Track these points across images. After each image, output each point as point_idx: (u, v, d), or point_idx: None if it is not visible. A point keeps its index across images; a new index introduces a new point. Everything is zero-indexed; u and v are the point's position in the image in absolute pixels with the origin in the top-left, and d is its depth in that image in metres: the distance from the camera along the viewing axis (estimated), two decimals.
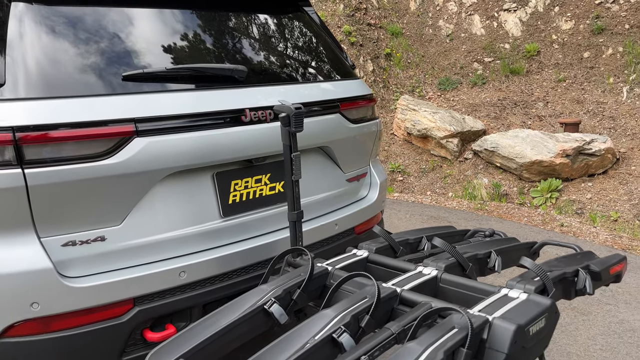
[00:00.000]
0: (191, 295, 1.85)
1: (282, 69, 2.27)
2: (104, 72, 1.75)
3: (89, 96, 1.69)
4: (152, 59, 1.88)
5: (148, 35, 1.92)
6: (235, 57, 2.11)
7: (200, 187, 1.92)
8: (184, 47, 1.99)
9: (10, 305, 1.60)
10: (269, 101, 2.02)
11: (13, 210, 1.58)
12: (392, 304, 1.43)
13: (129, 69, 1.79)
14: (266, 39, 2.28)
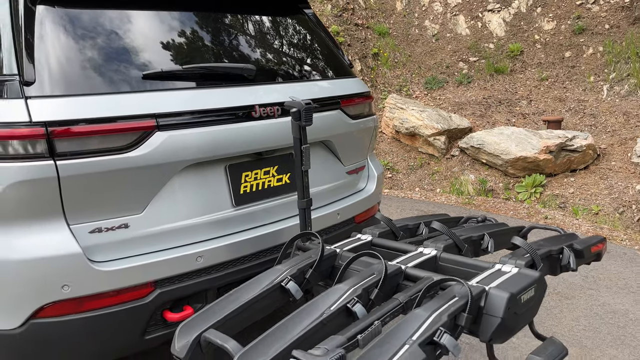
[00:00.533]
0: (207, 279, 1.98)
1: (287, 68, 2.42)
2: (127, 71, 1.88)
3: (113, 93, 1.82)
4: (170, 59, 2.01)
5: (165, 37, 2.05)
6: (244, 57, 2.25)
7: (214, 178, 2.05)
8: (197, 48, 2.12)
9: (43, 287, 1.72)
10: (276, 98, 2.17)
11: (46, 199, 1.70)
12: (398, 280, 1.58)
13: (149, 68, 1.92)
14: (271, 40, 2.43)
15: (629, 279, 3.47)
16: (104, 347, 1.85)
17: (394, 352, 1.18)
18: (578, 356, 2.60)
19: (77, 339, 1.81)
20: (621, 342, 2.72)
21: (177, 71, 1.98)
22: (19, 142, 1.66)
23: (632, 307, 3.08)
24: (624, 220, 5.82)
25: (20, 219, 1.70)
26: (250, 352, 1.28)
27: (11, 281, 1.71)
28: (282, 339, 1.31)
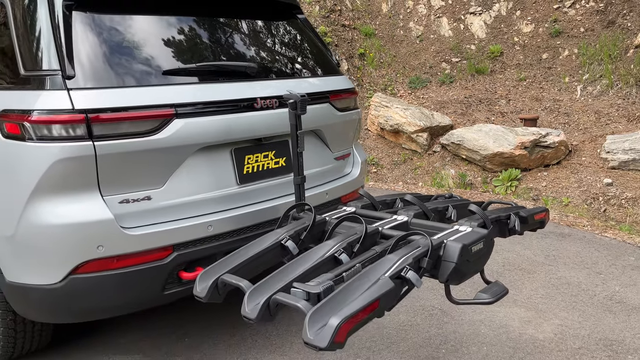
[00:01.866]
0: (216, 244, 2.34)
1: (284, 66, 2.79)
2: (150, 67, 2.24)
3: (139, 86, 2.17)
4: (185, 58, 2.37)
5: (181, 39, 2.41)
6: (247, 56, 2.61)
7: (221, 160, 2.41)
8: (209, 48, 2.48)
9: (81, 247, 2.07)
10: (275, 92, 2.53)
11: (85, 174, 2.05)
12: (376, 238, 1.96)
13: (168, 65, 2.28)
14: (270, 42, 2.79)
15: (585, 257, 3.89)
16: (130, 299, 2.21)
17: (371, 284, 1.55)
18: (533, 318, 3.00)
19: (108, 293, 2.15)
20: (572, 307, 3.13)
21: (192, 68, 2.34)
22: (63, 126, 2.01)
23: (585, 279, 3.50)
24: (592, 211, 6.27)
25: (63, 190, 2.05)
26: (259, 287, 1.65)
27: (55, 242, 2.06)
28: (284, 278, 1.67)
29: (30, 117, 2.02)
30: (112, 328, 2.97)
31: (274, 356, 2.67)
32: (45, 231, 2.05)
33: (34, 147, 2.02)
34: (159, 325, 2.99)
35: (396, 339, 2.82)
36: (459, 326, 2.93)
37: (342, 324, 1.40)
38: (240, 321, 3.01)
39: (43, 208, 2.04)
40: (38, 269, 2.10)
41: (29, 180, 2.03)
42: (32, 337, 2.50)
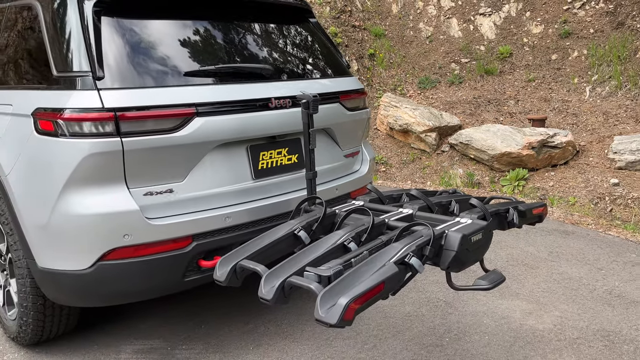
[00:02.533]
0: (233, 235, 2.50)
1: (296, 68, 2.94)
2: (173, 69, 2.40)
3: (163, 86, 2.33)
4: (205, 60, 2.53)
5: (201, 43, 2.57)
6: (262, 58, 2.77)
7: (238, 156, 2.57)
8: (227, 51, 2.64)
9: (109, 235, 2.23)
10: (288, 92, 2.68)
11: (113, 168, 2.21)
12: (382, 229, 2.10)
13: (190, 67, 2.44)
14: (284, 45, 2.94)
15: (587, 254, 4.00)
16: (153, 285, 2.37)
17: (377, 268, 1.70)
18: (534, 310, 3.13)
19: (133, 278, 2.32)
20: (572, 300, 3.25)
21: (211, 69, 2.50)
22: (94, 123, 2.17)
23: (586, 275, 3.61)
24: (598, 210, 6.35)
25: (93, 182, 2.21)
26: (275, 271, 1.80)
27: (85, 231, 2.22)
28: (298, 264, 1.82)
29: (63, 115, 2.19)
30: (133, 314, 3.14)
31: (286, 342, 2.82)
32: (77, 220, 2.22)
33: (66, 142, 2.19)
34: (176, 313, 3.15)
35: (402, 328, 2.96)
36: (462, 317, 3.07)
37: (351, 303, 1.55)
38: (254, 310, 3.17)
39: (74, 199, 2.21)
40: (69, 256, 2.27)
41: (61, 173, 2.20)
42: (60, 321, 2.67)
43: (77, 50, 2.30)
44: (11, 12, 2.89)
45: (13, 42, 2.79)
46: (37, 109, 2.31)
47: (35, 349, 2.79)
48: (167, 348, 2.79)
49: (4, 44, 2.87)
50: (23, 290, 2.54)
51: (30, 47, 2.61)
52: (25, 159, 2.34)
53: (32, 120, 2.32)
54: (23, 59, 2.66)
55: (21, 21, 2.75)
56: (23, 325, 2.63)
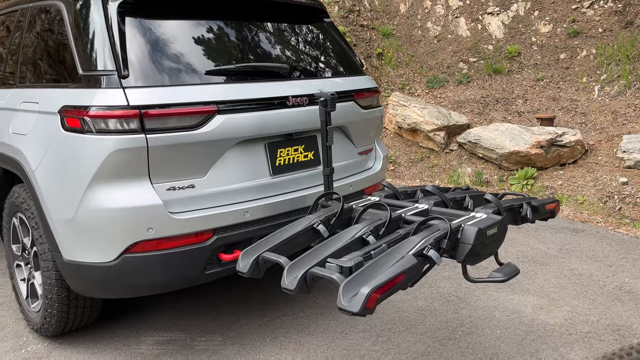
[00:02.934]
0: (252, 229, 2.57)
1: (312, 67, 3.01)
2: (194, 68, 2.47)
3: (185, 85, 2.40)
4: (225, 59, 2.60)
5: (221, 43, 2.64)
6: (279, 58, 2.83)
7: (257, 153, 2.64)
8: (245, 51, 2.71)
9: (134, 229, 2.30)
10: (305, 90, 2.75)
11: (137, 163, 2.29)
12: (399, 223, 2.16)
13: (211, 66, 2.51)
14: (300, 45, 3.01)
15: (597, 251, 4.04)
16: (175, 277, 2.44)
17: (397, 260, 1.76)
18: (545, 305, 3.18)
19: (156, 271, 2.39)
20: (583, 296, 3.30)
21: (231, 68, 2.57)
22: (119, 120, 2.25)
23: (596, 271, 3.65)
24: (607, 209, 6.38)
25: (118, 177, 2.29)
26: (297, 263, 1.86)
27: (110, 224, 2.30)
28: (319, 255, 1.89)
29: (90, 112, 2.26)
30: (152, 308, 3.22)
31: (301, 335, 2.89)
32: (103, 214, 2.29)
33: (93, 139, 2.26)
34: (193, 307, 3.23)
35: (415, 322, 3.02)
36: (474, 311, 3.12)
37: (372, 292, 1.61)
38: (268, 304, 3.23)
39: (100, 194, 2.29)
40: (94, 249, 2.35)
41: (88, 168, 2.28)
42: (83, 312, 2.75)
43: (102, 49, 2.37)
44: (35, 12, 2.97)
45: (38, 42, 2.88)
46: (63, 106, 2.39)
47: (58, 339, 2.87)
48: (186, 340, 2.87)
49: (29, 44, 2.96)
50: (48, 283, 2.62)
51: (55, 47, 2.69)
52: (52, 155, 2.42)
53: (58, 118, 2.40)
54: (48, 58, 2.74)
55: (46, 22, 2.83)
56: (47, 317, 2.71)
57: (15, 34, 3.15)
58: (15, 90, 2.96)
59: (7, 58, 3.21)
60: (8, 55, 3.21)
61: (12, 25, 3.25)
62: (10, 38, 3.23)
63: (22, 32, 3.05)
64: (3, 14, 3.48)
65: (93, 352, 2.76)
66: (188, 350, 2.77)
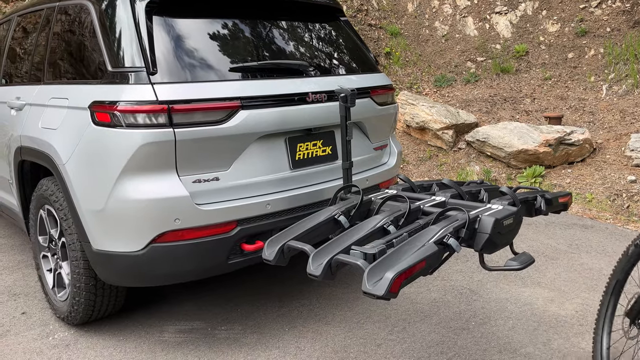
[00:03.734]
0: (273, 221, 2.66)
1: (330, 64, 3.10)
2: (219, 65, 2.57)
3: (211, 81, 2.49)
4: (248, 57, 2.69)
5: (244, 41, 2.73)
6: (299, 55, 2.92)
7: (277, 147, 2.73)
8: (267, 49, 2.80)
9: (161, 219, 2.40)
10: (324, 87, 2.84)
11: (165, 156, 2.38)
12: (417, 214, 2.25)
13: (235, 63, 2.60)
14: (318, 43, 3.10)
15: (606, 246, 4.11)
16: (200, 266, 2.54)
17: (418, 248, 1.84)
18: (556, 297, 3.25)
19: (182, 260, 2.48)
20: (593, 289, 3.37)
21: (253, 66, 2.66)
22: (148, 115, 2.34)
23: (606, 265, 3.72)
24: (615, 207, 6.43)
25: (147, 170, 2.38)
26: (322, 250, 1.95)
27: (139, 215, 2.39)
28: (342, 244, 1.98)
29: (120, 107, 2.36)
30: (174, 297, 3.32)
31: (319, 325, 2.98)
32: (131, 205, 2.39)
33: (123, 133, 2.36)
34: (212, 298, 3.32)
35: (429, 313, 3.10)
36: (486, 303, 3.20)
37: (396, 277, 1.69)
38: (286, 294, 3.33)
39: (129, 185, 2.38)
40: (123, 239, 2.44)
41: (118, 161, 2.37)
42: (109, 301, 2.85)
43: (130, 47, 2.47)
44: (62, 11, 3.07)
45: (65, 40, 2.98)
46: (93, 102, 2.48)
47: (84, 327, 2.97)
48: (207, 329, 2.96)
49: (56, 42, 3.06)
50: (76, 272, 2.72)
51: (83, 45, 2.79)
52: (82, 148, 2.52)
53: (88, 113, 2.49)
54: (76, 56, 2.84)
55: (73, 20, 2.93)
56: (75, 305, 2.81)
57: (41, 32, 3.25)
58: (43, 86, 3.07)
59: (33, 55, 3.32)
60: (34, 52, 3.31)
61: (38, 23, 3.35)
62: (36, 36, 3.33)
63: (49, 30, 3.15)
64: (28, 12, 3.59)
65: (118, 340, 2.85)
66: (209, 339, 2.86)
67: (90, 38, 2.72)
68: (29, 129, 2.98)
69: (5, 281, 3.65)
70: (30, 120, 3.00)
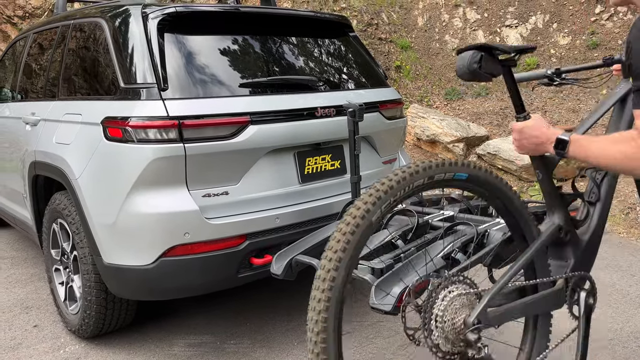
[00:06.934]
0: (282, 235, 2.67)
1: (339, 79, 3.13)
2: (229, 81, 2.61)
3: (220, 97, 2.53)
4: (257, 73, 2.73)
5: (253, 57, 2.77)
6: (307, 70, 2.96)
7: (286, 161, 2.75)
8: (276, 64, 2.84)
9: (171, 233, 2.42)
10: (332, 102, 2.86)
11: (175, 171, 2.41)
12: (426, 228, 2.25)
13: (244, 79, 2.65)
14: (327, 58, 3.13)
15: (620, 261, 4.06)
16: (209, 280, 2.55)
17: (426, 262, 1.84)
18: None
19: (192, 274, 2.50)
20: (606, 304, 3.32)
21: (262, 81, 2.70)
22: (159, 130, 2.38)
23: (619, 280, 3.68)
24: (629, 220, 6.35)
25: (157, 184, 2.41)
26: None
27: (149, 229, 2.42)
28: None
29: (132, 123, 2.40)
30: (184, 312, 3.33)
31: None
32: (142, 219, 2.42)
33: (134, 148, 2.40)
34: (222, 311, 3.33)
35: None
36: None
37: (404, 292, 1.69)
38: (294, 308, 3.32)
39: (140, 200, 2.42)
40: (134, 252, 2.47)
41: (129, 176, 2.41)
42: (119, 314, 2.87)
43: (143, 64, 2.52)
44: (76, 29, 3.14)
45: (80, 57, 3.04)
46: (106, 117, 2.53)
47: (94, 340, 2.99)
48: (216, 342, 2.97)
49: (71, 58, 3.12)
50: (87, 285, 2.74)
51: (97, 62, 2.85)
52: (94, 163, 2.56)
53: (101, 128, 2.54)
54: (90, 72, 2.90)
55: (88, 37, 3.00)
56: (86, 318, 2.83)
57: (57, 49, 3.33)
58: (57, 102, 3.13)
59: (48, 72, 3.39)
60: (49, 69, 3.39)
61: (53, 41, 3.43)
62: (51, 53, 3.41)
63: (64, 47, 3.23)
64: (44, 29, 3.68)
65: (128, 353, 2.87)
66: (219, 352, 2.86)
67: (104, 55, 2.78)
68: (43, 144, 3.04)
69: (18, 294, 3.69)
70: (44, 136, 3.06)
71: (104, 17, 2.84)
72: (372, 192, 1.48)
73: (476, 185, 1.69)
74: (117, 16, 2.75)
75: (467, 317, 1.50)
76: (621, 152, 1.37)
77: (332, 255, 1.44)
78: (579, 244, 1.92)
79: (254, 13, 3.01)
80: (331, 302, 1.40)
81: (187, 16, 2.66)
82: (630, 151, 1.35)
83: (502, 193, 1.76)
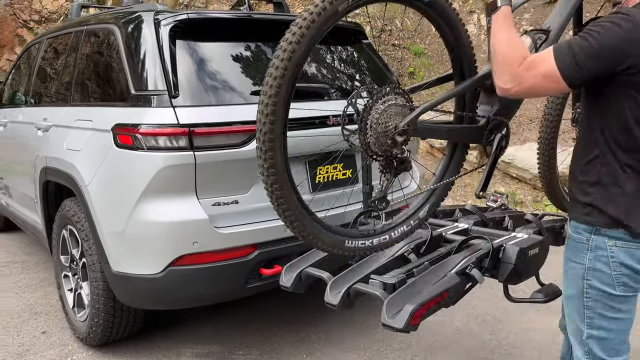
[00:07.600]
0: (292, 245, 2.61)
1: (351, 86, 3.08)
2: (240, 89, 2.57)
3: (231, 105, 2.50)
4: None
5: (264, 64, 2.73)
6: (320, 78, 2.92)
7: (297, 170, 2.70)
8: None
9: (180, 242, 2.39)
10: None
11: (186, 179, 2.38)
12: (439, 242, 2.19)
13: (254, 86, 2.61)
14: (339, 65, 3.09)
15: None
16: (218, 290, 2.52)
17: (439, 278, 1.79)
18: None
19: (200, 284, 2.47)
20: None
21: None
22: (169, 138, 2.35)
23: None
24: None
25: (167, 192, 2.39)
26: (340, 278, 1.91)
27: (158, 237, 2.39)
28: (361, 272, 1.93)
29: (142, 130, 2.37)
30: (191, 321, 3.29)
31: (337, 352, 2.92)
32: (151, 228, 2.39)
33: (144, 155, 2.37)
34: (230, 321, 3.29)
35: (452, 342, 3.01)
36: (511, 332, 3.09)
37: (416, 310, 1.64)
38: (303, 319, 3.27)
39: (149, 208, 2.39)
40: (142, 261, 2.44)
41: (138, 183, 2.38)
42: (127, 323, 2.84)
43: (154, 70, 2.50)
44: (89, 35, 3.14)
45: (91, 63, 3.03)
46: (116, 124, 2.51)
47: (102, 349, 2.97)
48: (224, 353, 2.92)
49: (83, 64, 3.12)
50: (96, 293, 2.72)
51: (108, 68, 2.84)
52: (104, 170, 2.54)
53: (111, 135, 2.52)
54: (101, 78, 2.89)
55: (100, 44, 2.99)
56: (94, 326, 2.80)
57: (70, 55, 3.32)
58: (69, 108, 3.12)
59: (61, 77, 3.39)
60: (61, 74, 3.39)
61: (66, 46, 3.43)
62: (64, 59, 3.41)
63: (76, 53, 3.22)
64: (58, 35, 3.68)
65: None
66: None
67: (116, 61, 2.76)
68: (54, 150, 3.03)
69: (27, 299, 3.69)
70: (55, 142, 3.05)
71: (117, 23, 2.83)
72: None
73: (434, 11, 1.81)
74: (129, 22, 2.74)
75: (399, 122, 1.72)
76: (510, 55, 1.49)
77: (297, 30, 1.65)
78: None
79: (266, 20, 2.98)
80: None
81: (199, 23, 2.64)
82: (512, 61, 1.47)
83: (455, 24, 1.90)
